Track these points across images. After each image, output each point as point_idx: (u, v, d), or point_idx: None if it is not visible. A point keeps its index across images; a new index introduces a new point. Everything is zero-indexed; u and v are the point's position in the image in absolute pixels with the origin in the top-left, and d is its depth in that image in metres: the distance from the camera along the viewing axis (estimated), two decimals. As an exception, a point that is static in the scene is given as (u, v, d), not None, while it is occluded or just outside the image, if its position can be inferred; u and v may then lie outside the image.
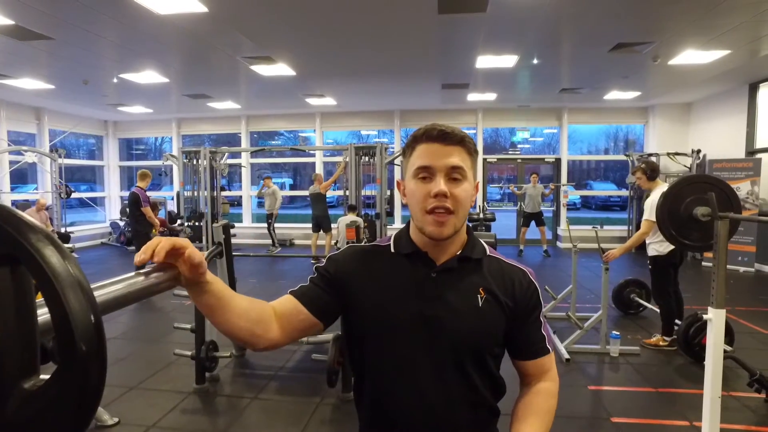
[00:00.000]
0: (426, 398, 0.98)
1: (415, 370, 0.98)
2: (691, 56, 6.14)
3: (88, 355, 0.45)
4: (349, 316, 1.05)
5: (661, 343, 4.13)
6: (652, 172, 4.10)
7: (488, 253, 1.08)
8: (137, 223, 6.55)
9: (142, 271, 0.74)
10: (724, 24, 4.98)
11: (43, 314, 0.53)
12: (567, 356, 3.86)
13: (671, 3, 4.47)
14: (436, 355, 0.97)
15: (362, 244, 1.12)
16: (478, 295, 1.01)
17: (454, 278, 1.02)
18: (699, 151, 8.91)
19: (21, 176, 12.42)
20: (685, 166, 9.17)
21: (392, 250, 1.07)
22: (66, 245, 0.49)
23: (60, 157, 9.32)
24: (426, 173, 0.97)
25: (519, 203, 9.74)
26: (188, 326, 3.55)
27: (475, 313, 0.99)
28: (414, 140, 1.02)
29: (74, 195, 10.01)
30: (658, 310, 4.23)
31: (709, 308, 2.22)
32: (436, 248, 1.02)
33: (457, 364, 0.98)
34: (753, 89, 7.85)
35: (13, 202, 9.46)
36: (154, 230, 6.77)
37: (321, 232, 8.67)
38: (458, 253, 1.03)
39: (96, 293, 0.59)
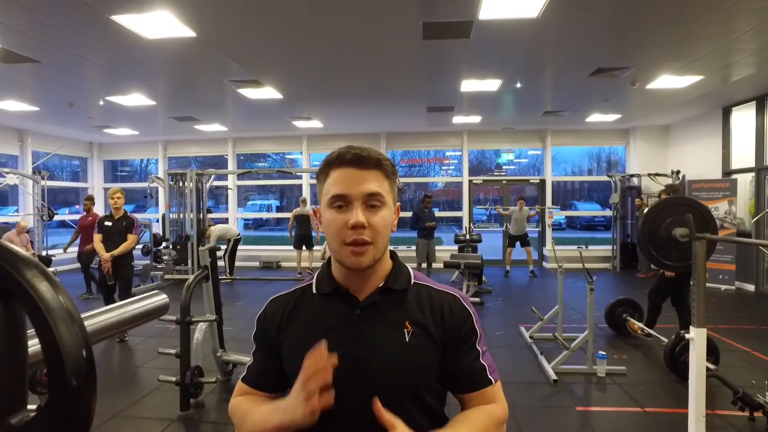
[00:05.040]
0: None
1: (349, 419, 0.90)
2: (667, 81, 6.36)
3: (79, 389, 0.45)
4: (284, 368, 0.99)
5: None
6: (673, 193, 4.34)
7: (414, 280, 1.00)
8: None
9: (132, 299, 0.75)
10: (697, 51, 5.19)
11: (31, 345, 0.53)
12: (554, 377, 3.86)
13: (647, 30, 4.66)
14: (369, 400, 0.84)
15: (285, 292, 1.06)
16: (405, 330, 0.93)
17: (378, 314, 0.94)
18: (678, 172, 9.14)
19: (2, 198, 12.20)
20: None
21: (314, 290, 1.01)
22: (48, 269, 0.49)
23: (43, 179, 9.20)
24: (342, 202, 0.90)
25: (505, 224, 9.83)
26: (173, 351, 3.48)
27: (403, 349, 0.92)
28: (327, 165, 0.93)
29: (57, 217, 9.85)
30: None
31: (691, 327, 2.26)
32: (357, 281, 0.96)
33: (393, 406, 0.85)
34: (726, 113, 8.13)
35: (-7, 225, 9.26)
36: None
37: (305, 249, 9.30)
38: (380, 285, 0.97)
39: (86, 322, 0.59)
